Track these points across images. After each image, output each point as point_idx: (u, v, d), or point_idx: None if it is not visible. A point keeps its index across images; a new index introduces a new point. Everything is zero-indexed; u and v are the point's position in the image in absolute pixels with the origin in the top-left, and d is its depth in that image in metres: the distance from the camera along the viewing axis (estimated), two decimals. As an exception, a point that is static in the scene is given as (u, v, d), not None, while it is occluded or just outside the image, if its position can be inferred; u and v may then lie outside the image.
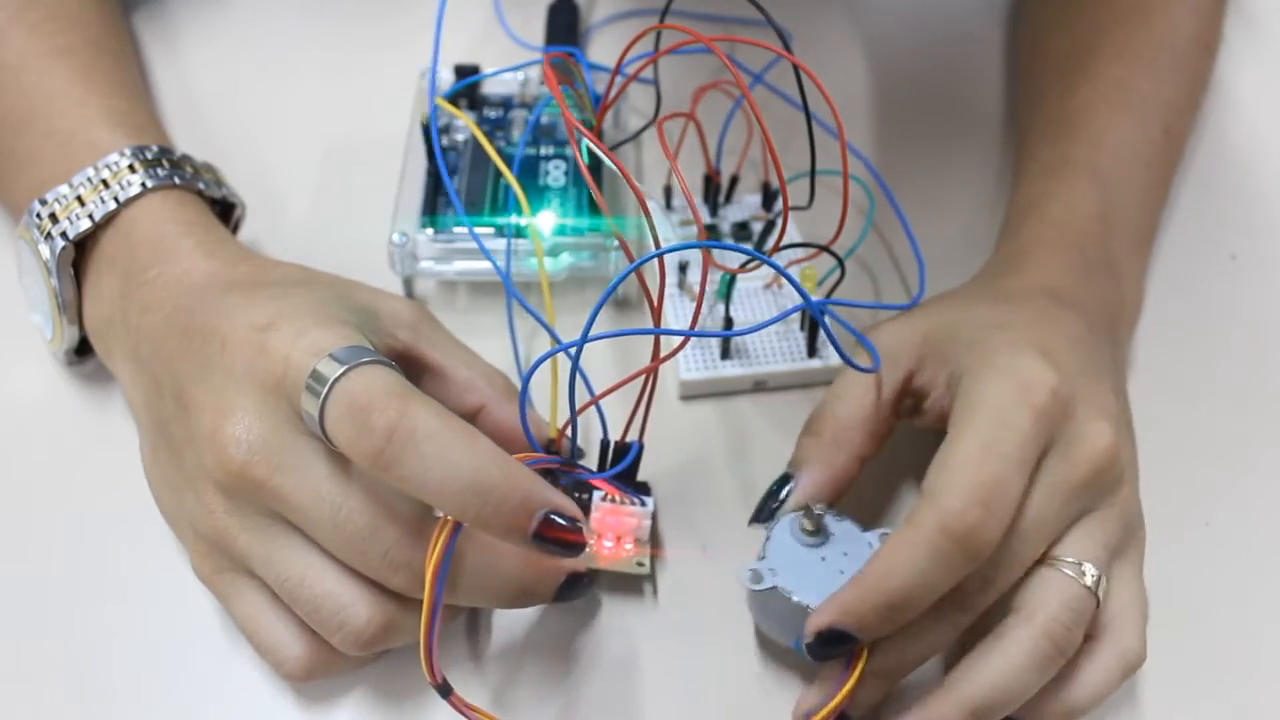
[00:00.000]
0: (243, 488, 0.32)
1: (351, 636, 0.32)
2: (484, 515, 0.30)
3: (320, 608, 0.32)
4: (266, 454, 0.32)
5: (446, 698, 0.31)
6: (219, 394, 0.33)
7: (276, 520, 0.33)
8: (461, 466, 0.30)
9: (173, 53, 0.53)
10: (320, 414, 0.31)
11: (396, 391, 0.31)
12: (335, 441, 0.31)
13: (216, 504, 0.33)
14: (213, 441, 0.33)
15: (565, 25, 0.53)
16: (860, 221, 0.47)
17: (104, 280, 0.39)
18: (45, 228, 0.38)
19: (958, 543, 0.31)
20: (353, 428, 0.30)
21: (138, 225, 0.39)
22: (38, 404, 0.42)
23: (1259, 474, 0.42)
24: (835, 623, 0.32)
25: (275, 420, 0.33)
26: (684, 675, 0.37)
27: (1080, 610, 0.33)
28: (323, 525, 0.32)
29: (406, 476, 0.30)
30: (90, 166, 0.39)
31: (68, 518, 0.39)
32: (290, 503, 0.32)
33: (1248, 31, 0.57)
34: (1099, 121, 0.45)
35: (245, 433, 0.32)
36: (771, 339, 0.43)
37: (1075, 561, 0.33)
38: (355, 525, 0.32)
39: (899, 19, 0.58)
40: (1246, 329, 0.47)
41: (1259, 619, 0.39)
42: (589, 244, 0.44)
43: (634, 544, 0.36)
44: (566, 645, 0.37)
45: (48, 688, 0.36)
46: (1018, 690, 0.32)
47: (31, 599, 0.37)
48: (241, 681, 0.36)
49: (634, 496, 0.37)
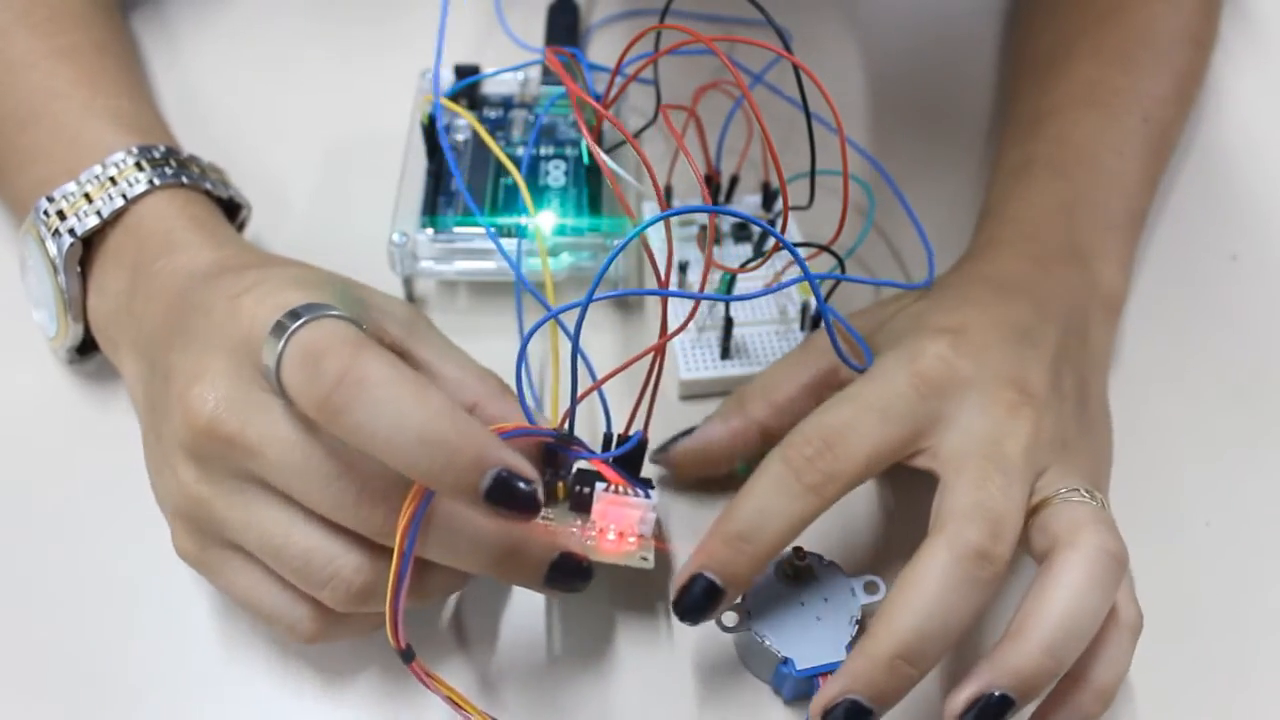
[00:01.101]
0: (212, 447, 0.32)
1: (343, 587, 0.31)
2: (433, 471, 0.28)
3: (309, 562, 0.31)
4: (231, 408, 0.31)
5: (408, 664, 0.31)
6: (194, 359, 0.33)
7: (251, 482, 0.32)
8: (411, 417, 0.28)
9: (173, 53, 0.53)
10: (277, 366, 0.30)
11: (350, 340, 0.30)
12: (288, 390, 0.30)
13: (189, 474, 0.32)
14: (181, 403, 0.32)
15: (565, 25, 0.53)
16: (860, 222, 0.47)
17: (110, 275, 0.39)
18: (53, 225, 0.39)
19: (793, 469, 0.33)
20: (303, 374, 0.29)
21: (145, 222, 0.39)
22: (37, 403, 0.42)
23: (1259, 474, 0.42)
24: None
25: (241, 378, 0.32)
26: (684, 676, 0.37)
27: (1111, 521, 0.32)
28: (296, 472, 0.31)
29: (354, 426, 0.29)
30: (98, 164, 0.39)
31: (67, 515, 0.39)
32: (261, 454, 0.31)
33: (1246, 31, 0.57)
34: (1067, 119, 0.45)
35: (212, 391, 0.32)
36: (771, 339, 0.43)
37: (1068, 490, 0.33)
38: (325, 467, 0.31)
39: (899, 19, 0.58)
40: (1246, 329, 0.47)
41: (1259, 619, 0.39)
42: (589, 244, 0.44)
43: (637, 537, 0.35)
44: (562, 642, 0.37)
45: (49, 685, 0.36)
46: (1090, 615, 0.31)
47: (30, 598, 0.37)
48: (241, 679, 0.36)
49: (638, 487, 0.36)
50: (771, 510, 0.32)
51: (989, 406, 0.34)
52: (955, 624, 0.31)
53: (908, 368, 0.34)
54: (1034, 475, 0.34)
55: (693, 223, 0.46)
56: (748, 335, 0.43)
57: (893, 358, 0.35)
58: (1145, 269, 0.47)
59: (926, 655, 0.31)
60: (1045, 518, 0.33)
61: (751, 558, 0.32)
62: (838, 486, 0.33)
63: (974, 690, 0.30)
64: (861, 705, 0.31)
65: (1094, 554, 0.31)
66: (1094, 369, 0.39)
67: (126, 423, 0.39)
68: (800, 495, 0.33)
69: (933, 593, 0.31)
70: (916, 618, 0.31)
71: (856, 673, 0.31)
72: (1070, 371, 0.37)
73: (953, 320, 0.36)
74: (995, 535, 0.31)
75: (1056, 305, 0.39)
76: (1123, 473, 0.38)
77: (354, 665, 0.36)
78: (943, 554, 0.31)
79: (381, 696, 0.36)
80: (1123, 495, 0.38)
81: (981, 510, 0.32)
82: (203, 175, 0.41)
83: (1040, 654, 0.30)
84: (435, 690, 0.31)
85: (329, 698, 0.36)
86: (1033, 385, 0.35)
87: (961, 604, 0.31)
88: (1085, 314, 0.40)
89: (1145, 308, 0.46)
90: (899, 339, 0.36)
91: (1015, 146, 0.46)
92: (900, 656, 0.30)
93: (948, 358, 0.35)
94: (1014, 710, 0.30)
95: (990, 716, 0.30)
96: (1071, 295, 0.40)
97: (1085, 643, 0.31)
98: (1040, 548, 0.33)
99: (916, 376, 0.34)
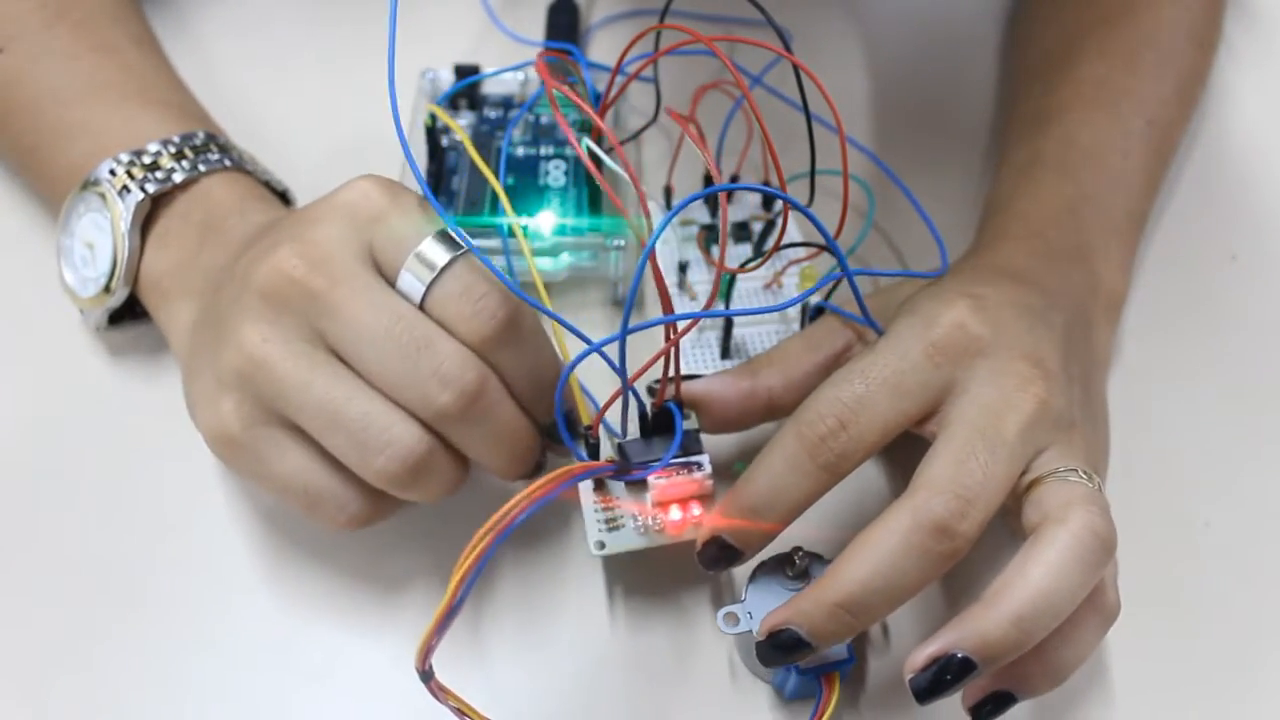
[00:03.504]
0: (295, 300, 0.33)
1: (400, 454, 0.32)
2: (546, 402, 0.35)
3: (369, 425, 0.32)
4: (331, 268, 0.33)
5: (426, 683, 0.31)
6: (289, 228, 0.34)
7: (320, 347, 0.33)
8: (552, 360, 0.35)
9: (173, 53, 0.53)
10: (434, 280, 0.33)
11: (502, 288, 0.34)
12: (449, 313, 0.33)
13: (257, 332, 0.33)
14: (271, 256, 0.33)
15: (565, 25, 0.53)
16: (860, 222, 0.47)
17: (174, 230, 0.40)
18: (120, 182, 0.39)
19: (807, 448, 0.33)
20: (470, 306, 0.33)
21: (214, 192, 0.40)
22: (62, 394, 0.42)
23: (1259, 474, 0.42)
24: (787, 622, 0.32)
25: (345, 245, 0.33)
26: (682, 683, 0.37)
27: (1105, 505, 0.32)
28: (377, 335, 0.32)
29: (519, 353, 0.34)
30: (158, 141, 0.40)
31: (98, 497, 0.39)
32: (347, 312, 0.32)
33: (1248, 31, 0.57)
34: (1073, 118, 0.45)
35: (313, 249, 0.33)
36: (771, 338, 0.43)
37: (1066, 469, 0.33)
38: (412, 335, 0.32)
39: (899, 19, 0.58)
40: (1246, 329, 0.47)
41: (1259, 619, 0.39)
42: (589, 244, 0.44)
43: (701, 506, 0.36)
44: (564, 641, 0.37)
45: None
46: (1066, 595, 0.31)
47: (59, 581, 0.37)
48: (243, 676, 0.36)
49: (690, 462, 0.36)
50: (784, 486, 0.33)
51: (1000, 377, 0.34)
52: (902, 587, 0.31)
53: (924, 336, 0.34)
54: (1033, 452, 0.33)
55: (693, 223, 0.46)
56: (748, 335, 0.43)
57: (908, 325, 0.35)
58: (1145, 269, 0.47)
59: (869, 610, 0.31)
60: (1039, 494, 0.33)
61: (765, 531, 0.34)
62: (850, 464, 0.33)
63: (937, 648, 0.31)
64: (801, 638, 0.32)
65: (1081, 533, 0.31)
66: (1095, 366, 0.39)
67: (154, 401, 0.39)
68: (813, 473, 0.33)
69: (884, 555, 0.31)
70: (864, 573, 0.31)
71: (801, 609, 0.32)
72: (1076, 361, 0.37)
73: (968, 291, 0.36)
74: (962, 514, 0.31)
75: (1064, 302, 0.39)
76: (1123, 473, 0.38)
77: (355, 665, 0.37)
78: (906, 519, 0.31)
79: (387, 700, 0.36)
80: (1123, 495, 0.38)
81: (956, 485, 0.32)
82: (257, 168, 0.43)
83: (1009, 624, 0.30)
84: (444, 702, 0.31)
85: (330, 697, 0.36)
86: (1047, 361, 0.35)
87: (913, 571, 0.31)
88: (1088, 313, 0.40)
89: (1145, 308, 0.46)
90: (915, 307, 0.36)
91: (1021, 144, 0.46)
92: (842, 607, 0.31)
93: (965, 323, 0.34)
94: (974, 675, 0.30)
95: (950, 676, 0.31)
96: (1075, 293, 0.40)
97: (1058, 620, 0.31)
98: (1032, 523, 0.33)
99: (931, 346, 0.34)
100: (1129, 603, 0.34)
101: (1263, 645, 0.38)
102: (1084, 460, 0.34)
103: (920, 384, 0.34)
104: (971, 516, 0.31)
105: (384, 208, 0.34)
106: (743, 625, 0.34)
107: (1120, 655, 0.37)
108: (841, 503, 0.39)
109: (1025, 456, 0.33)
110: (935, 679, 0.31)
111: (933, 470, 0.32)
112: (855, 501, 0.40)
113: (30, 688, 0.36)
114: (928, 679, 0.31)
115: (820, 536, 0.37)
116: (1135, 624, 0.36)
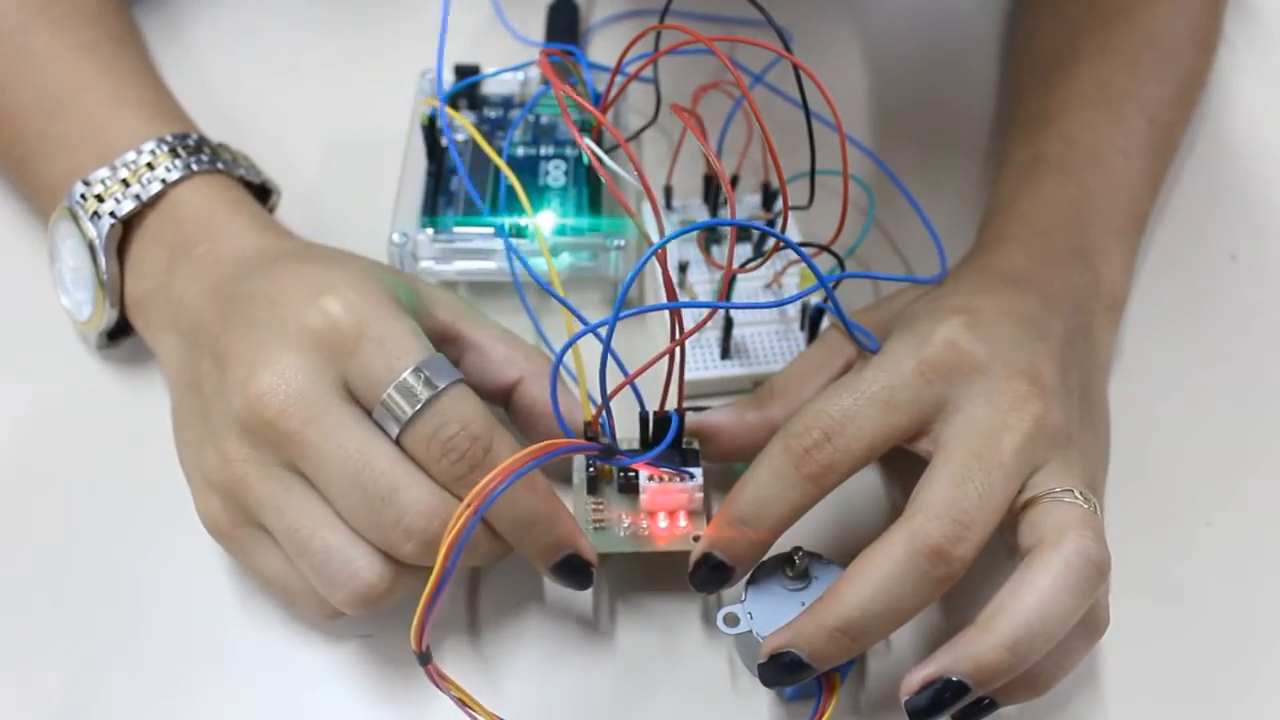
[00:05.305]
0: (269, 436, 0.33)
1: (360, 591, 0.33)
2: (526, 539, 0.34)
3: (331, 558, 0.33)
4: (302, 408, 0.33)
5: (424, 666, 0.31)
6: (262, 347, 0.34)
7: (294, 474, 0.33)
8: (524, 501, 0.33)
9: (173, 53, 0.53)
10: (405, 423, 0.33)
11: (482, 419, 0.33)
12: (423, 455, 0.33)
13: (237, 452, 0.34)
14: (245, 389, 0.33)
15: (565, 25, 0.53)
16: (860, 222, 0.47)
17: (148, 256, 0.39)
18: (91, 208, 0.39)
19: (793, 459, 0.33)
20: (442, 452, 0.33)
21: (183, 205, 0.40)
22: (65, 397, 0.42)
23: (1259, 474, 0.42)
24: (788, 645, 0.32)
25: (317, 379, 0.33)
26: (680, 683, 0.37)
27: (1099, 528, 0.32)
28: (344, 481, 0.33)
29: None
30: (132, 150, 0.40)
31: (94, 508, 0.39)
32: (316, 455, 0.33)
33: (1248, 30, 0.57)
34: (1074, 119, 0.45)
35: (284, 384, 0.33)
36: (771, 338, 0.43)
37: (1062, 489, 0.33)
38: (377, 485, 0.32)
39: (899, 19, 0.58)
40: (1246, 329, 0.47)
41: (1259, 619, 0.39)
42: (589, 244, 0.44)
43: (688, 519, 0.36)
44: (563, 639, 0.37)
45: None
46: (1059, 619, 0.31)
47: (50, 588, 0.37)
48: (242, 677, 0.36)
49: (682, 471, 0.36)
50: (770, 498, 0.33)
51: (995, 396, 0.34)
52: (900, 611, 0.32)
53: (916, 353, 0.34)
54: (1029, 471, 0.34)
55: (692, 220, 0.46)
56: (748, 335, 0.43)
57: (902, 342, 0.35)
58: (1145, 269, 0.47)
59: (867, 633, 0.32)
60: (1035, 515, 0.33)
61: (754, 541, 0.34)
62: (836, 476, 0.33)
63: (932, 671, 0.31)
64: (802, 660, 0.32)
65: (1074, 559, 0.31)
66: (1096, 369, 0.39)
67: (150, 417, 0.39)
68: (798, 484, 0.33)
69: (882, 579, 0.31)
70: (862, 598, 0.31)
71: (801, 631, 0.32)
72: (1075, 369, 0.37)
73: (964, 306, 0.36)
74: (958, 538, 0.31)
75: (1064, 304, 0.39)
76: (1123, 473, 0.38)
77: (357, 665, 0.37)
78: (902, 544, 0.32)
79: (386, 697, 0.36)
80: (1123, 495, 0.38)
81: (952, 510, 0.32)
82: (235, 162, 0.42)
83: (1003, 649, 0.30)
84: (446, 691, 0.31)
85: (329, 697, 0.36)
86: (1043, 377, 0.35)
87: (910, 595, 0.31)
88: (1089, 314, 0.40)
89: (1145, 308, 0.46)
90: (910, 323, 0.36)
91: (1023, 144, 0.46)
92: (841, 630, 0.31)
93: (959, 341, 0.34)
94: (968, 698, 0.31)
95: (945, 699, 0.31)
96: (1076, 295, 0.40)
97: (1051, 644, 0.31)
98: (1027, 544, 0.33)
99: (924, 363, 0.34)
100: (1129, 602, 0.34)
101: (1263, 645, 0.38)
102: (1081, 476, 0.34)
103: (911, 399, 0.34)
104: (968, 540, 0.32)
105: (353, 339, 0.34)
106: (743, 625, 0.34)
107: (1120, 655, 0.37)
108: (846, 514, 0.39)
109: (1021, 476, 0.33)
110: (931, 702, 0.31)
111: (929, 494, 0.32)
112: (860, 513, 0.40)
113: (30, 687, 0.36)
114: (924, 701, 0.31)
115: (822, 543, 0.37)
116: (1136, 624, 0.36)
